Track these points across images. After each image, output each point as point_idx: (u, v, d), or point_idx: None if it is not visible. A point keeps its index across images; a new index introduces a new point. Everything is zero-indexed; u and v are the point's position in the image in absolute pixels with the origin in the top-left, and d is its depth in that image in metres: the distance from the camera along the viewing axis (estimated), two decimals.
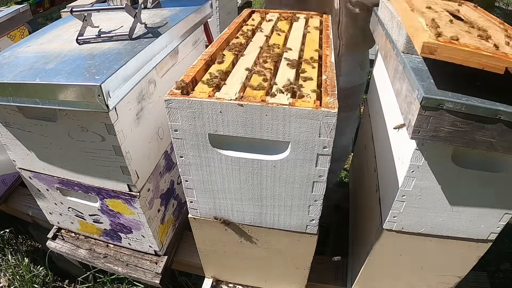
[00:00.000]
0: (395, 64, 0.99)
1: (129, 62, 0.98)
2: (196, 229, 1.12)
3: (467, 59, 0.70)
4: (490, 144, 0.75)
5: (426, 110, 0.74)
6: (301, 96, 0.81)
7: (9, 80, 0.94)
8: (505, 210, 0.91)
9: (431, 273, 1.11)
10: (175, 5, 1.44)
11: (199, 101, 0.79)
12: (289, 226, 1.02)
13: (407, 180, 0.88)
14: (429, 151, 0.82)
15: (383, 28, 1.16)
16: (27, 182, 1.34)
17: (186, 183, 0.97)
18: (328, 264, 1.42)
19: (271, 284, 1.26)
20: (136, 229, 1.30)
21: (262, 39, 1.16)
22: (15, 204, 1.80)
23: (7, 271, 1.89)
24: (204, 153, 0.88)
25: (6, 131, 1.16)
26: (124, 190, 1.16)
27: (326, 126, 0.77)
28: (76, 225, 1.44)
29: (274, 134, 0.81)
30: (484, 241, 0.99)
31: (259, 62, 0.99)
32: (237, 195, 0.97)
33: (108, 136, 1.01)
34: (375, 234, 1.07)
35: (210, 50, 1.03)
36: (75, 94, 0.90)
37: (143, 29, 1.19)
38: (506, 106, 0.70)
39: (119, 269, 1.40)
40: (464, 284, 1.15)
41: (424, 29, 0.77)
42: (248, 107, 0.77)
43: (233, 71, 0.94)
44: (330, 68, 0.92)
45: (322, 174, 0.86)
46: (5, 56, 1.10)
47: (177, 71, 1.30)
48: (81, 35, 1.14)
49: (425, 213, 0.95)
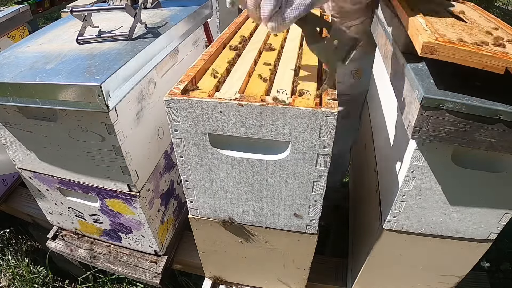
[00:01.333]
0: (395, 64, 0.99)
1: (129, 62, 0.98)
2: (196, 229, 1.12)
3: (467, 59, 0.70)
4: (490, 144, 0.75)
5: (426, 110, 0.74)
6: (301, 94, 0.81)
7: (9, 80, 0.94)
8: (505, 210, 0.91)
9: (431, 273, 1.11)
10: (175, 5, 1.44)
11: (199, 101, 0.79)
12: (289, 226, 1.02)
13: (407, 180, 0.88)
14: (429, 151, 0.82)
15: (383, 28, 1.16)
16: (27, 182, 1.34)
17: (186, 183, 0.97)
18: (328, 264, 1.42)
19: (271, 284, 1.26)
20: (136, 229, 1.30)
21: (261, 39, 1.16)
22: (15, 204, 1.80)
23: (7, 271, 1.89)
24: (204, 153, 0.88)
25: (6, 131, 1.16)
26: (124, 190, 1.16)
27: (326, 126, 0.77)
28: (76, 225, 1.44)
29: (274, 134, 0.81)
30: (484, 241, 0.99)
31: (258, 62, 0.99)
32: (237, 195, 0.97)
33: (108, 136, 1.01)
34: (375, 234, 1.07)
35: (210, 50, 1.03)
36: (75, 94, 0.90)
37: (143, 29, 1.19)
38: (506, 106, 0.70)
39: (119, 269, 1.40)
40: (464, 284, 1.15)
41: (424, 29, 0.77)
42: (248, 107, 0.77)
43: (232, 71, 0.94)
44: None
45: (322, 174, 0.86)
46: (5, 56, 1.10)
47: (177, 71, 1.30)
48: (81, 35, 1.14)
49: (425, 213, 0.95)
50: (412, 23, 0.85)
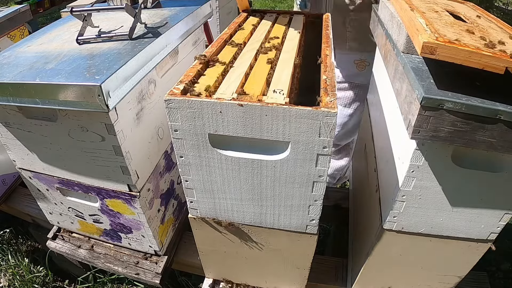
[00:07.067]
0: (395, 64, 0.99)
1: (129, 62, 0.98)
2: (196, 229, 1.12)
3: (467, 59, 0.70)
4: (490, 144, 0.75)
5: (426, 110, 0.74)
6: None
7: (9, 80, 0.94)
8: (505, 210, 0.91)
9: (431, 273, 1.11)
10: (175, 5, 1.44)
11: (199, 101, 0.79)
12: (289, 226, 1.02)
13: (407, 180, 0.88)
14: (429, 151, 0.82)
15: (383, 28, 1.16)
16: (27, 182, 1.34)
17: (186, 183, 0.97)
18: (328, 264, 1.42)
19: (271, 284, 1.26)
20: (136, 229, 1.30)
21: (260, 39, 1.16)
22: (15, 204, 1.80)
23: (7, 271, 1.89)
24: (204, 153, 0.88)
25: (6, 131, 1.16)
26: (124, 190, 1.16)
27: (326, 126, 0.77)
28: (76, 225, 1.44)
29: (274, 134, 0.81)
30: (484, 241, 0.99)
31: (256, 62, 0.99)
32: (237, 195, 0.97)
33: (108, 136, 1.01)
34: (375, 234, 1.07)
35: (210, 50, 1.03)
36: (75, 94, 0.90)
37: (143, 29, 1.19)
38: (506, 106, 0.70)
39: (119, 269, 1.40)
40: (464, 284, 1.15)
41: (424, 29, 0.77)
42: (248, 107, 0.77)
43: (230, 71, 0.94)
44: (330, 68, 0.92)
45: (322, 174, 0.86)
46: (5, 56, 1.10)
47: (177, 71, 1.30)
48: (81, 35, 1.14)
49: (425, 213, 0.95)
50: (412, 23, 0.85)
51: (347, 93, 1.92)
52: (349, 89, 1.91)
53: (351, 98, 1.93)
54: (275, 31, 1.23)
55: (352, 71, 1.83)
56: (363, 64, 1.80)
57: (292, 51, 1.07)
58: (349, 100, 1.93)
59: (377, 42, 1.30)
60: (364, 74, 1.82)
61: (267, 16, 1.40)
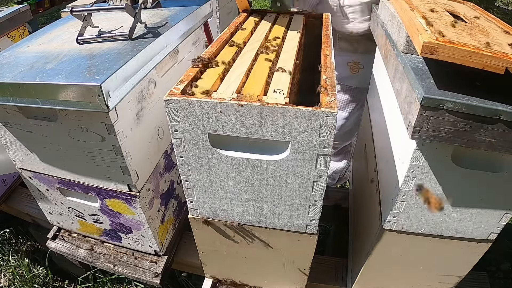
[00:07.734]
0: (395, 64, 0.99)
1: (129, 62, 0.98)
2: (196, 229, 1.12)
3: (467, 59, 0.70)
4: (490, 144, 0.75)
5: (426, 110, 0.74)
6: None
7: (9, 80, 0.94)
8: (505, 210, 0.91)
9: (431, 273, 1.11)
10: (175, 5, 1.44)
11: (199, 101, 0.79)
12: (289, 226, 1.02)
13: (407, 180, 0.89)
14: (429, 151, 0.82)
15: (383, 28, 1.16)
16: (27, 182, 1.34)
17: (186, 183, 0.97)
18: (328, 264, 1.42)
19: (271, 284, 1.26)
20: (136, 229, 1.30)
21: (260, 39, 1.16)
22: (15, 204, 1.80)
23: (7, 271, 1.89)
24: (204, 153, 0.88)
25: (6, 131, 1.15)
26: (124, 190, 1.16)
27: (326, 126, 0.77)
28: (76, 225, 1.44)
29: (274, 134, 0.81)
30: (484, 241, 0.99)
31: (256, 62, 0.99)
32: (237, 195, 0.97)
33: (108, 136, 1.01)
34: (375, 234, 1.07)
35: (210, 50, 1.03)
36: (75, 94, 0.90)
37: (143, 29, 1.19)
38: (506, 106, 0.71)
39: (119, 269, 1.40)
40: (464, 284, 1.15)
41: (424, 29, 0.77)
42: (248, 107, 0.77)
43: (230, 71, 0.94)
44: (330, 68, 0.92)
45: (322, 174, 0.86)
46: (5, 56, 1.10)
47: (177, 71, 1.30)
48: (81, 35, 1.14)
49: (425, 213, 0.95)
50: (412, 23, 0.85)
51: (340, 95, 1.90)
52: (342, 92, 1.89)
53: (346, 101, 1.91)
54: (275, 31, 1.23)
55: (345, 74, 1.81)
56: (356, 67, 1.78)
57: (292, 51, 1.07)
58: (343, 103, 1.92)
59: (377, 42, 1.30)
60: (358, 78, 1.79)
61: (267, 16, 1.40)
